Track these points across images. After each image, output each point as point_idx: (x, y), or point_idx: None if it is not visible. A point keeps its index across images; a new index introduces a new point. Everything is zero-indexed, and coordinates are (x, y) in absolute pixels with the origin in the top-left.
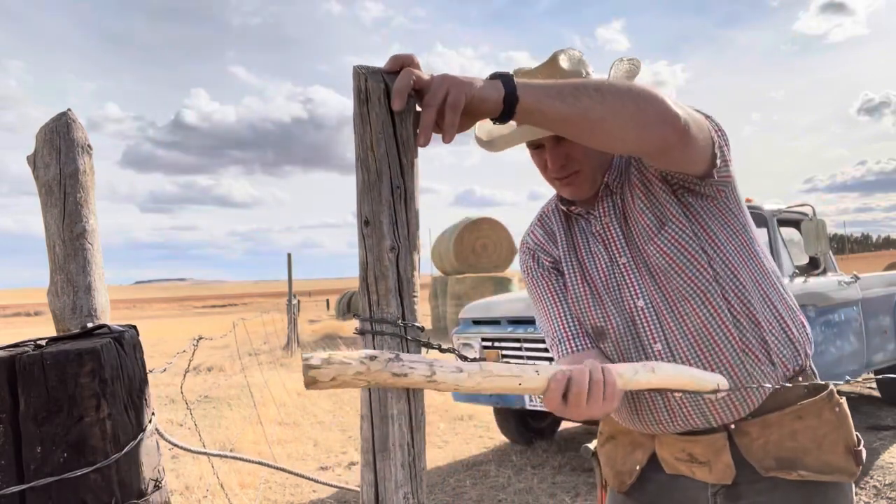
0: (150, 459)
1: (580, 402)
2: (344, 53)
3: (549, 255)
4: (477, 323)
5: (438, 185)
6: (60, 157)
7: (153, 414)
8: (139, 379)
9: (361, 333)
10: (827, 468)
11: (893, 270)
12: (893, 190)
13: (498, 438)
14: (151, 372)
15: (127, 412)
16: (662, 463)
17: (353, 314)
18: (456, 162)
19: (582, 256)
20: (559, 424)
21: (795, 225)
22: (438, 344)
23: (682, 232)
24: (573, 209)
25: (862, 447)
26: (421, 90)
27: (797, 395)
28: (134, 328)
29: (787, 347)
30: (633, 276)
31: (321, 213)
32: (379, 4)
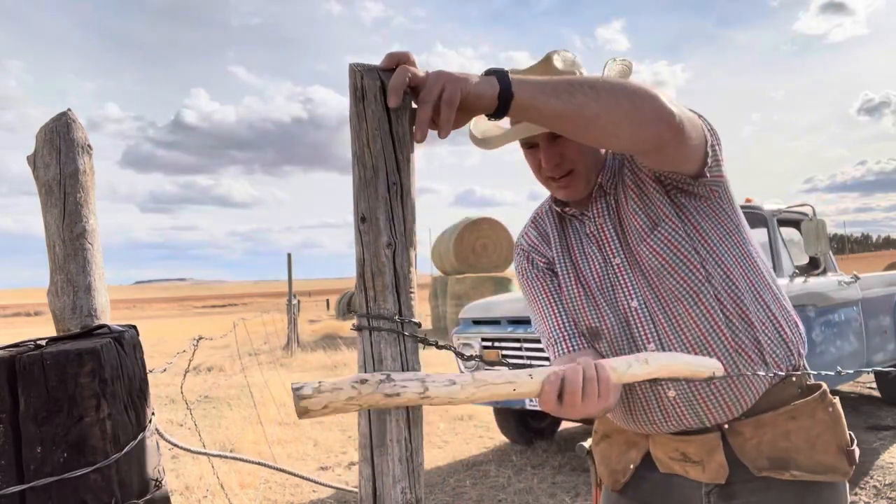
0: (150, 459)
1: (575, 400)
2: (344, 53)
3: (543, 256)
4: (477, 323)
5: (438, 185)
6: (60, 157)
7: (153, 414)
8: (139, 379)
9: (359, 329)
10: (820, 468)
11: (893, 270)
12: (893, 190)
13: (498, 438)
14: (151, 372)
15: (127, 412)
16: (656, 462)
17: (353, 313)
18: (456, 162)
19: (576, 257)
20: (559, 424)
21: (795, 225)
22: (436, 340)
23: (674, 232)
24: (567, 210)
25: (855, 447)
26: (417, 87)
27: (790, 395)
28: (134, 328)
29: (780, 347)
30: (626, 276)
31: (321, 213)
32: (379, 4)
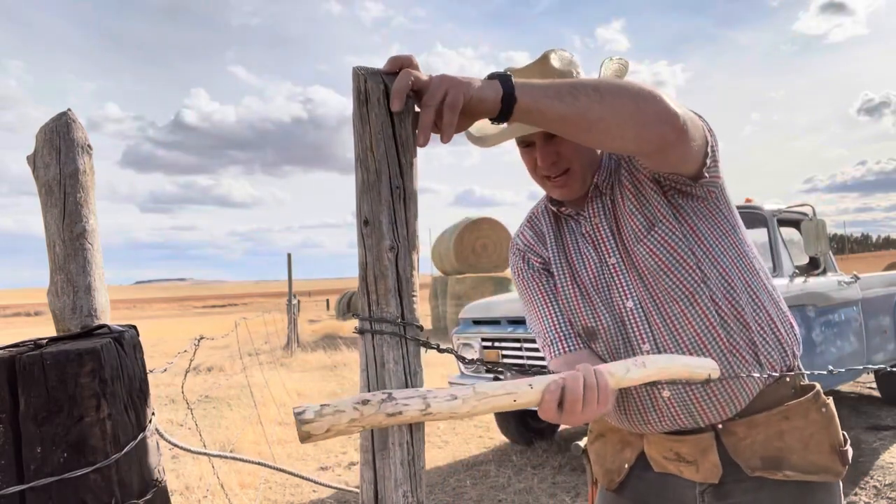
0: (150, 459)
1: (576, 409)
2: (344, 53)
3: (538, 256)
4: (477, 323)
5: (438, 185)
6: (60, 157)
7: (153, 414)
8: (139, 379)
9: (361, 333)
10: (813, 468)
11: (893, 270)
12: (893, 190)
13: (498, 438)
14: (152, 372)
15: (127, 412)
16: (651, 461)
17: (352, 314)
18: (456, 162)
19: (571, 257)
20: (559, 425)
21: (795, 225)
22: (437, 344)
23: (671, 233)
24: (563, 210)
25: (848, 447)
26: (420, 91)
27: (784, 395)
28: (134, 328)
29: (775, 348)
30: (622, 276)
31: (321, 213)
32: (379, 4)
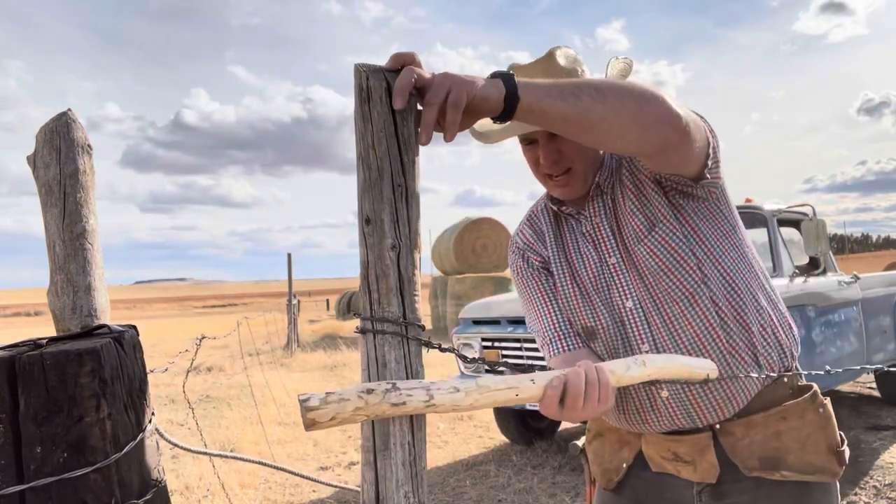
0: (150, 459)
1: (577, 405)
2: (344, 53)
3: (538, 254)
4: (477, 323)
5: (438, 185)
6: (60, 157)
7: (153, 414)
8: (139, 379)
9: (363, 332)
10: (810, 468)
11: (893, 270)
12: (893, 190)
13: (498, 438)
14: (152, 372)
15: (127, 412)
16: (649, 461)
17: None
18: (456, 162)
19: (571, 257)
20: (559, 424)
21: (795, 225)
22: (439, 343)
23: (672, 234)
24: (564, 209)
25: (846, 447)
26: (422, 88)
27: (782, 395)
28: (134, 328)
29: (774, 350)
30: (622, 276)
31: (321, 213)
32: (379, 4)
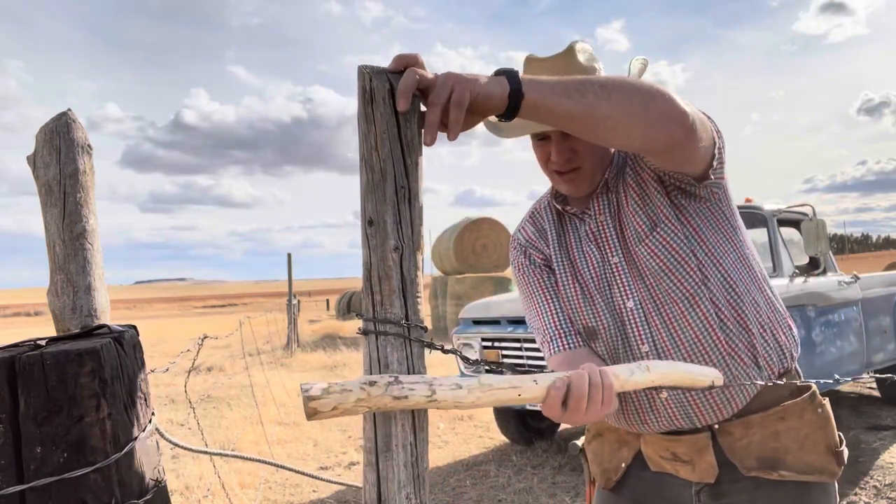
0: (150, 459)
1: (580, 407)
2: (344, 53)
3: (540, 252)
4: (477, 323)
5: (438, 185)
6: (60, 157)
7: (153, 414)
8: (139, 379)
9: (365, 334)
10: (808, 468)
11: (893, 270)
12: (893, 190)
13: (498, 438)
14: (152, 372)
15: (127, 412)
16: (647, 461)
17: (353, 314)
18: (456, 162)
19: (574, 255)
20: (559, 425)
21: (795, 225)
22: (441, 345)
23: (673, 234)
24: (568, 209)
25: (844, 448)
26: (425, 89)
27: (780, 396)
28: (134, 328)
29: (773, 351)
30: (624, 276)
31: (321, 213)
32: (379, 4)
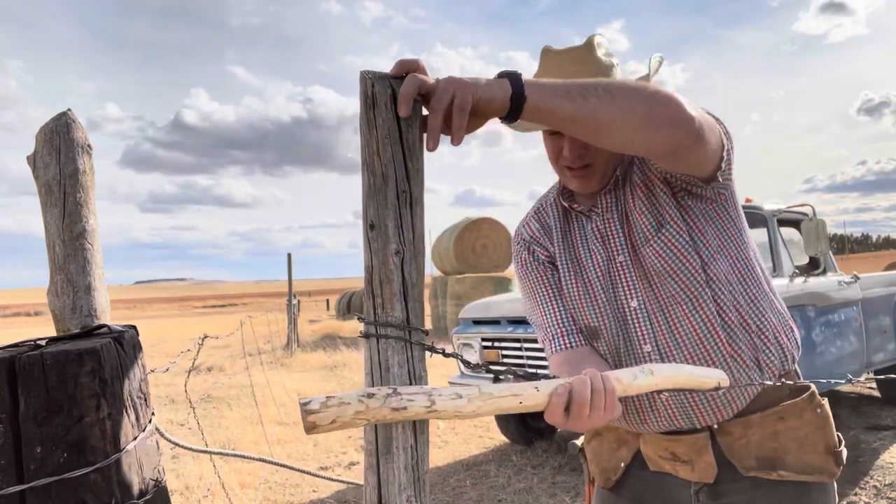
0: (150, 459)
1: (583, 412)
2: (344, 53)
3: (544, 249)
4: (477, 323)
5: (438, 185)
6: (60, 157)
7: (153, 414)
8: (139, 379)
9: (366, 337)
10: (807, 468)
11: (893, 270)
12: (893, 190)
13: (498, 438)
14: (152, 372)
15: (127, 412)
16: (647, 460)
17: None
18: (456, 162)
19: (579, 253)
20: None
21: (795, 225)
22: (442, 349)
23: (678, 236)
24: (575, 206)
25: (843, 448)
26: (427, 95)
27: (779, 396)
28: (134, 328)
29: (775, 353)
30: (628, 275)
31: (321, 213)
32: (379, 4)
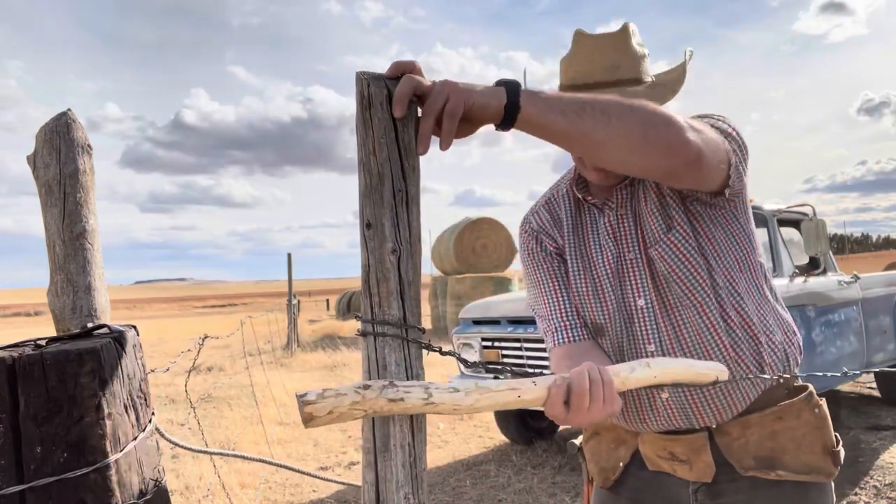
0: (150, 459)
1: (583, 404)
2: (344, 53)
3: (553, 240)
4: (477, 323)
5: (438, 185)
6: (60, 157)
7: (153, 414)
8: (139, 379)
9: (363, 335)
10: (805, 468)
11: (893, 270)
12: (893, 190)
13: (498, 438)
14: (152, 372)
15: (127, 412)
16: (645, 460)
17: (353, 314)
18: (456, 162)
19: (589, 247)
20: (559, 424)
21: (795, 225)
22: (440, 347)
23: (685, 241)
24: (589, 199)
25: (840, 448)
26: (423, 96)
27: (777, 396)
28: (134, 328)
29: (779, 359)
30: (638, 273)
31: (321, 213)
32: (379, 4)
